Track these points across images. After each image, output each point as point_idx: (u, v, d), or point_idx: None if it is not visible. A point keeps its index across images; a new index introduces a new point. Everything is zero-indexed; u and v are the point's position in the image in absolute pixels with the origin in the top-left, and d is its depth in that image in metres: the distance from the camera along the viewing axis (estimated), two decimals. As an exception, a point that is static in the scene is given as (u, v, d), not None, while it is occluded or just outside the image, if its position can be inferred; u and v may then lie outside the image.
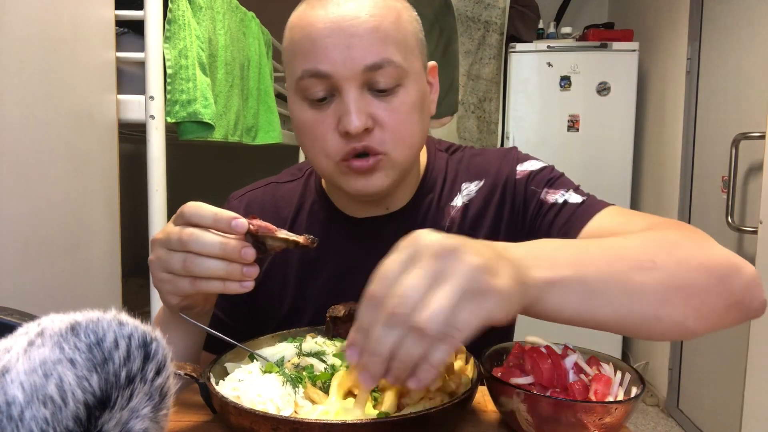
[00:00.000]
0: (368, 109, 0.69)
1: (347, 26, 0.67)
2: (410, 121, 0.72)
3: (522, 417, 0.54)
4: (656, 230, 0.62)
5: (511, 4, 3.25)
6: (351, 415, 0.50)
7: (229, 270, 0.56)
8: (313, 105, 0.71)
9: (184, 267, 0.57)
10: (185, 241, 0.56)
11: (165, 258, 0.58)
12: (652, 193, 3.04)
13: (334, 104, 0.70)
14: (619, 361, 0.61)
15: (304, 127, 0.72)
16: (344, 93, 0.68)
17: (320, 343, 0.67)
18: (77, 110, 1.14)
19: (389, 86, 0.69)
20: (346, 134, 0.68)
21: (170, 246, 0.57)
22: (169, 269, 0.58)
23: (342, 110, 0.68)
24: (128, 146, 1.85)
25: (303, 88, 0.70)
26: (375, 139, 0.70)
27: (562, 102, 3.11)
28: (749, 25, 2.25)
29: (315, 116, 0.71)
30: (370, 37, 0.67)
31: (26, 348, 0.36)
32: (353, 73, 0.67)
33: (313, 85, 0.69)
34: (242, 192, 0.90)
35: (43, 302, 1.03)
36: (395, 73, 0.69)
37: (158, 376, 0.39)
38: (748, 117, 2.23)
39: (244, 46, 1.92)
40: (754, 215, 2.08)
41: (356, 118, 0.67)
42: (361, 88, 0.69)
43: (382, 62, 0.68)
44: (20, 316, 0.48)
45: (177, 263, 0.57)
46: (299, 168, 0.93)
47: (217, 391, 0.55)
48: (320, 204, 0.86)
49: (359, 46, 0.67)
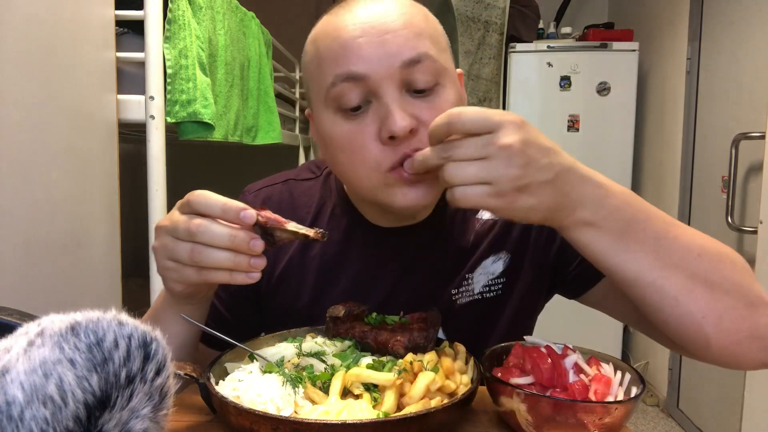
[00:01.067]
0: (411, 110, 0.64)
1: (379, 24, 0.64)
2: None
3: (522, 417, 0.54)
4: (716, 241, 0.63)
5: (511, 4, 3.24)
6: (352, 411, 0.50)
7: (236, 261, 0.56)
8: (347, 116, 0.65)
9: (191, 257, 0.56)
10: (193, 231, 0.55)
11: (171, 246, 0.57)
12: (652, 193, 3.04)
13: (371, 111, 0.64)
14: (619, 361, 0.61)
15: (340, 141, 0.66)
16: (383, 95, 0.63)
17: (320, 343, 0.67)
18: (77, 110, 1.14)
19: (429, 84, 0.65)
20: (390, 140, 0.63)
21: (177, 235, 0.57)
22: (175, 258, 0.57)
23: (383, 114, 0.63)
24: (128, 146, 1.85)
25: (335, 97, 0.65)
26: (422, 140, 0.63)
27: (562, 102, 3.11)
28: (749, 25, 2.25)
29: (352, 128, 0.65)
30: (405, 31, 0.64)
31: (26, 348, 0.36)
32: (391, 71, 0.63)
33: (348, 90, 0.64)
34: (258, 186, 0.88)
35: (43, 302, 1.02)
36: (434, 69, 0.65)
37: (158, 376, 0.39)
38: (748, 117, 2.23)
39: (244, 46, 1.92)
40: (754, 215, 2.08)
41: (401, 118, 0.61)
42: (400, 88, 0.64)
43: (419, 56, 0.63)
44: (20, 316, 0.48)
45: (184, 253, 0.56)
46: (317, 165, 0.89)
47: (217, 391, 0.55)
48: (342, 209, 0.82)
49: (394, 41, 0.63)
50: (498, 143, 0.52)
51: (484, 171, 0.52)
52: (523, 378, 0.58)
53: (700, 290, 0.57)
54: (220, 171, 3.52)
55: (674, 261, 0.57)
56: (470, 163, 0.53)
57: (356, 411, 0.51)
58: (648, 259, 0.57)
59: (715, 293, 0.57)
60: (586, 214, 0.56)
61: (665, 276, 0.57)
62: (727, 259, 0.60)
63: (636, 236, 0.57)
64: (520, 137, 0.52)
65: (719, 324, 0.57)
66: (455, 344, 0.67)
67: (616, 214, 0.57)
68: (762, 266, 1.72)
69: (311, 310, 0.80)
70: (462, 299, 0.79)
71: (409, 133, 0.63)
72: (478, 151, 0.52)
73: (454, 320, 0.79)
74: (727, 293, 0.57)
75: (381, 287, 0.80)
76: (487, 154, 0.52)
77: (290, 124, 3.00)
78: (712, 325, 0.56)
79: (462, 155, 0.53)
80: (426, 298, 0.79)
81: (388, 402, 0.53)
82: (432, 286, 0.79)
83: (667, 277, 0.57)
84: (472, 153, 0.53)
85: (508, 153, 0.52)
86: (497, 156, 0.52)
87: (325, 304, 0.79)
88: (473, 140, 0.53)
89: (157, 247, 0.59)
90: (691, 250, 0.58)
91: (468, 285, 0.80)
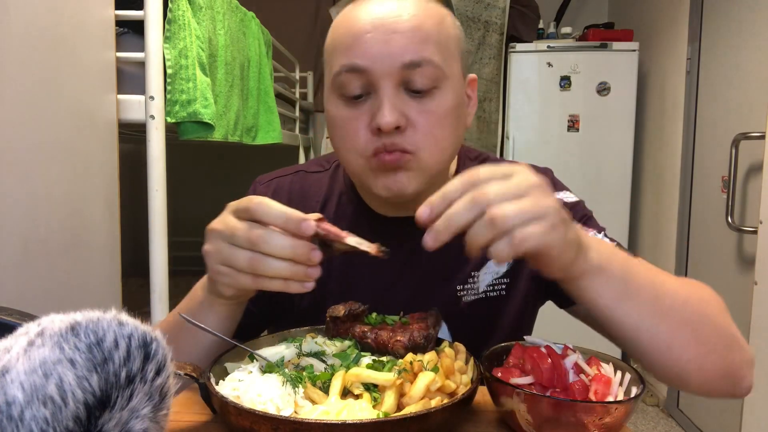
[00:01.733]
0: (402, 108, 0.68)
1: (389, 23, 0.67)
2: (443, 125, 0.71)
3: (522, 417, 0.54)
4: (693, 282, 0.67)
5: (511, 4, 3.24)
6: (352, 411, 0.50)
7: (294, 271, 0.56)
8: (348, 103, 0.70)
9: (249, 265, 0.56)
10: (254, 241, 0.56)
11: (227, 253, 0.58)
12: (652, 193, 3.04)
13: (369, 102, 0.69)
14: (619, 361, 0.61)
15: (337, 124, 0.72)
16: (380, 89, 0.68)
17: (320, 343, 0.67)
18: (77, 110, 1.14)
19: (426, 87, 0.68)
20: (378, 130, 0.68)
21: (235, 242, 0.57)
22: (231, 264, 0.58)
23: (376, 106, 0.68)
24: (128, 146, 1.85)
25: (340, 85, 0.70)
26: (406, 138, 0.68)
27: (562, 102, 3.11)
28: (749, 25, 2.25)
29: (349, 113, 0.70)
30: (411, 35, 0.67)
31: (26, 348, 0.36)
32: (391, 69, 0.67)
33: (350, 81, 0.69)
34: (269, 177, 0.90)
35: (43, 302, 1.02)
36: (433, 74, 0.68)
37: (158, 376, 0.39)
38: (748, 117, 2.23)
39: (244, 46, 1.92)
40: (754, 215, 2.08)
41: (389, 114, 0.66)
42: (398, 86, 0.68)
43: (420, 61, 0.67)
44: (20, 316, 0.49)
45: (242, 261, 0.57)
46: (327, 159, 0.92)
47: (217, 391, 0.55)
48: (349, 197, 0.85)
49: (399, 42, 0.67)
50: (529, 181, 0.52)
51: (531, 206, 0.50)
52: (523, 378, 0.58)
53: (689, 337, 0.60)
54: (220, 171, 3.52)
55: (666, 308, 0.60)
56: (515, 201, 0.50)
57: (356, 411, 0.51)
58: (646, 306, 0.59)
59: (700, 339, 0.61)
60: (594, 255, 0.57)
61: (659, 323, 0.59)
62: (708, 303, 0.64)
63: (635, 282, 0.59)
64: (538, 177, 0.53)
65: (701, 367, 0.61)
66: (455, 344, 0.67)
67: (613, 257, 0.59)
68: (762, 266, 1.72)
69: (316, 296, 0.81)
70: (467, 297, 0.80)
71: (395, 129, 0.67)
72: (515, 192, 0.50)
73: (459, 318, 0.79)
74: (710, 337, 0.61)
75: (386, 276, 0.81)
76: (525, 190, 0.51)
77: (290, 124, 3.00)
78: (696, 368, 0.61)
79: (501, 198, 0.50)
80: (430, 292, 0.80)
81: (388, 402, 0.53)
82: (436, 279, 0.81)
83: (660, 325, 0.59)
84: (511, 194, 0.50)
85: (541, 189, 0.52)
86: (534, 192, 0.51)
87: (330, 291, 0.81)
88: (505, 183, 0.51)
89: (211, 252, 0.60)
90: (678, 297, 0.61)
91: (474, 283, 0.81)
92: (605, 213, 3.08)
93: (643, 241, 3.12)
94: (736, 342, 0.63)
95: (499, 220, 0.49)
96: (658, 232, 2.90)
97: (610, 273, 0.58)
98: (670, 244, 2.73)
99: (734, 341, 0.63)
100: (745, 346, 0.65)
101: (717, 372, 0.62)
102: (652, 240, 3.00)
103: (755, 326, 1.74)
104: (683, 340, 0.60)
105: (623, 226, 3.10)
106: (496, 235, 0.50)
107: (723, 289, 2.55)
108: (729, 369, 0.62)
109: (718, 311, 0.64)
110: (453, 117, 0.72)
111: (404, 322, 0.68)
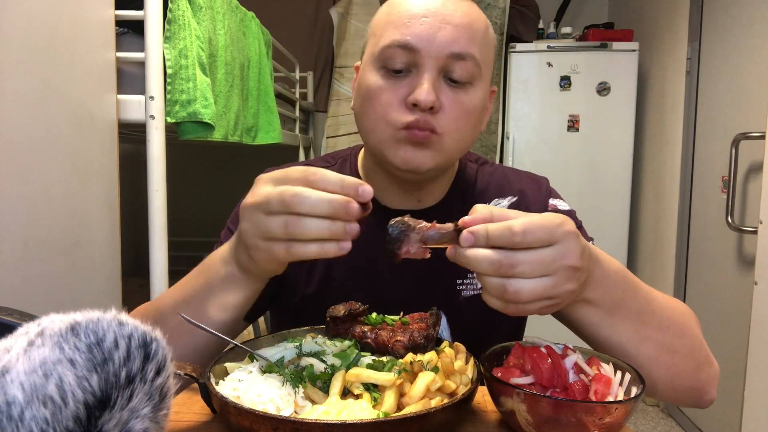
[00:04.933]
0: (439, 92, 0.72)
1: (446, 13, 0.73)
2: (468, 119, 0.75)
3: (522, 417, 0.54)
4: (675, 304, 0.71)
5: (511, 4, 3.24)
6: (352, 411, 0.50)
7: (332, 229, 0.53)
8: (387, 75, 0.74)
9: (284, 231, 0.53)
10: (288, 201, 0.53)
11: (262, 223, 0.55)
12: (652, 193, 3.04)
13: (409, 78, 0.73)
14: (619, 361, 0.61)
15: (373, 93, 0.74)
16: (423, 69, 0.72)
17: (320, 343, 0.67)
18: (77, 110, 1.14)
19: (463, 80, 0.73)
20: (413, 106, 0.71)
21: (269, 208, 0.54)
22: (266, 234, 0.55)
23: (416, 83, 0.72)
24: (128, 146, 1.85)
25: (385, 57, 0.73)
26: (438, 120, 0.72)
27: (562, 102, 3.11)
28: (749, 25, 2.25)
29: (387, 84, 0.74)
30: (463, 29, 0.73)
31: (26, 348, 0.36)
32: (438, 54, 0.71)
33: (397, 55, 0.72)
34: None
35: (43, 302, 1.03)
36: (472, 70, 0.73)
37: (158, 376, 0.39)
38: (748, 117, 2.23)
39: (244, 46, 1.92)
40: (754, 215, 2.08)
41: (428, 93, 0.70)
42: (439, 72, 0.72)
43: (465, 54, 0.72)
44: (20, 316, 0.49)
45: (277, 227, 0.53)
46: (333, 156, 0.94)
47: (217, 391, 0.55)
48: None
49: (451, 33, 0.72)
50: (566, 263, 0.53)
51: (549, 289, 0.52)
52: (523, 378, 0.58)
53: (664, 358, 0.65)
54: (220, 171, 3.52)
55: (649, 333, 0.65)
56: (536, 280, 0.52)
57: (356, 411, 0.51)
58: (628, 331, 0.64)
59: (674, 360, 0.66)
60: (588, 293, 0.61)
61: (640, 346, 0.64)
62: (687, 325, 0.68)
63: (622, 313, 0.64)
64: (581, 252, 0.54)
65: (671, 383, 0.66)
66: (455, 344, 0.67)
67: (610, 293, 0.62)
68: (762, 266, 1.72)
69: (320, 286, 0.84)
70: (467, 292, 0.82)
71: (429, 109, 0.71)
72: (543, 269, 0.52)
73: (458, 312, 0.80)
74: (684, 358, 0.66)
75: (388, 267, 0.82)
76: (553, 271, 0.52)
77: (290, 124, 3.00)
78: (665, 384, 0.66)
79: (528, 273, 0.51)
80: (430, 283, 0.82)
81: (388, 402, 0.53)
82: (439, 270, 0.82)
83: (641, 347, 0.64)
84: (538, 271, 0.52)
85: (573, 272, 0.53)
86: (562, 274, 0.53)
87: (335, 280, 0.83)
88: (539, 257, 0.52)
89: (246, 228, 0.57)
90: (663, 321, 0.66)
91: (473, 278, 0.83)
92: (605, 213, 3.10)
93: (643, 241, 3.12)
94: (706, 361, 0.68)
95: (510, 294, 0.52)
96: (658, 232, 2.90)
97: (599, 305, 0.62)
98: (670, 244, 2.73)
99: (705, 360, 0.68)
100: (713, 363, 0.70)
101: (684, 388, 0.67)
102: (652, 240, 3.00)
103: (755, 326, 1.74)
104: (659, 363, 0.65)
105: (623, 226, 3.10)
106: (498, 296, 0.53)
107: (723, 289, 2.56)
108: (696, 386, 0.68)
109: (696, 332, 0.69)
110: (476, 115, 0.76)
111: (404, 322, 0.68)
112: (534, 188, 0.89)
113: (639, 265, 3.15)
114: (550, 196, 0.89)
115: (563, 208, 0.88)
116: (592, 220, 3.11)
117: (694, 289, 2.68)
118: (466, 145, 0.78)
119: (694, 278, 2.68)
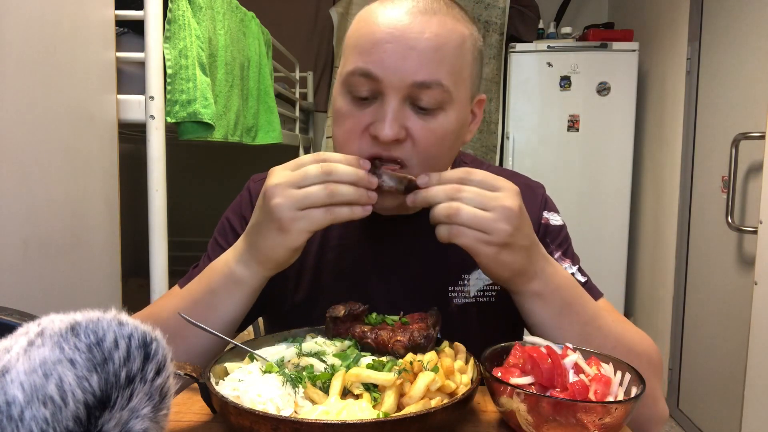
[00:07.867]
0: (404, 121, 0.69)
1: (410, 38, 0.68)
2: (441, 144, 0.72)
3: (522, 417, 0.54)
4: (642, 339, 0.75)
5: (511, 4, 3.24)
6: (352, 411, 0.50)
7: (359, 193, 0.64)
8: (354, 101, 0.72)
9: (328, 194, 0.63)
10: (328, 171, 0.63)
11: (302, 195, 0.63)
12: (652, 193, 3.04)
13: (374, 106, 0.70)
14: (619, 361, 0.61)
15: (340, 117, 0.74)
16: (386, 99, 0.69)
17: (320, 343, 0.67)
18: (77, 110, 1.14)
19: (431, 107, 0.70)
20: (375, 138, 0.69)
21: (308, 181, 0.63)
22: (309, 201, 0.63)
23: (379, 115, 0.69)
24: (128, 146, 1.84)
25: (350, 83, 0.71)
26: (404, 151, 0.70)
27: (562, 102, 3.11)
28: (749, 26, 2.25)
29: (353, 111, 0.72)
30: (428, 55, 0.68)
31: (26, 348, 0.36)
32: (401, 84, 0.68)
33: (361, 83, 0.70)
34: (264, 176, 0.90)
35: (43, 302, 1.03)
36: (440, 97, 0.69)
37: (158, 376, 0.39)
38: (748, 117, 2.23)
39: (244, 46, 1.92)
40: (754, 215, 2.08)
41: (389, 128, 0.68)
42: (404, 100, 0.69)
43: (431, 82, 0.68)
44: (20, 316, 0.49)
45: (320, 193, 0.63)
46: None
47: (217, 391, 0.55)
48: None
49: (414, 60, 0.68)
50: (503, 203, 0.62)
51: (486, 221, 0.62)
52: (523, 378, 0.58)
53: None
54: (220, 171, 3.52)
55: (593, 346, 0.66)
56: (476, 209, 0.62)
57: (356, 411, 0.51)
58: (574, 340, 0.66)
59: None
60: (539, 286, 0.68)
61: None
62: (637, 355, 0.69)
63: (569, 318, 0.69)
64: (519, 204, 0.64)
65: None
66: (455, 344, 0.67)
67: (559, 292, 0.69)
68: (762, 266, 1.72)
69: (310, 292, 0.83)
70: (458, 299, 0.81)
71: (394, 141, 0.69)
72: (484, 203, 0.62)
73: (449, 320, 0.79)
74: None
75: (378, 273, 0.82)
76: (492, 207, 0.62)
77: (290, 124, 3.00)
78: None
79: (469, 201, 0.63)
80: (422, 289, 0.81)
81: (388, 402, 0.53)
82: (429, 277, 0.81)
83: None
84: (478, 202, 0.62)
85: (508, 213, 0.62)
86: (499, 212, 0.62)
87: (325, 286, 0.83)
88: (481, 192, 0.63)
89: (282, 202, 0.63)
90: (608, 342, 0.69)
91: (464, 285, 0.81)
92: (605, 213, 3.10)
93: (643, 241, 3.12)
94: (653, 401, 0.70)
95: (453, 213, 0.62)
96: (658, 232, 2.90)
97: (549, 301, 0.68)
98: (670, 244, 2.73)
99: (652, 399, 0.69)
100: (661, 405, 0.71)
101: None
102: (652, 240, 3.00)
103: (755, 326, 1.74)
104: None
105: (623, 226, 3.10)
106: (445, 220, 0.63)
107: (723, 289, 2.56)
108: (636, 423, 0.67)
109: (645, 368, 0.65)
110: (452, 138, 0.73)
111: (404, 322, 0.68)
112: (528, 195, 0.85)
113: (639, 264, 3.15)
114: (545, 206, 0.87)
115: (555, 223, 0.86)
116: (592, 220, 3.12)
117: (694, 289, 2.68)
118: (444, 164, 0.75)
119: (694, 278, 2.68)
